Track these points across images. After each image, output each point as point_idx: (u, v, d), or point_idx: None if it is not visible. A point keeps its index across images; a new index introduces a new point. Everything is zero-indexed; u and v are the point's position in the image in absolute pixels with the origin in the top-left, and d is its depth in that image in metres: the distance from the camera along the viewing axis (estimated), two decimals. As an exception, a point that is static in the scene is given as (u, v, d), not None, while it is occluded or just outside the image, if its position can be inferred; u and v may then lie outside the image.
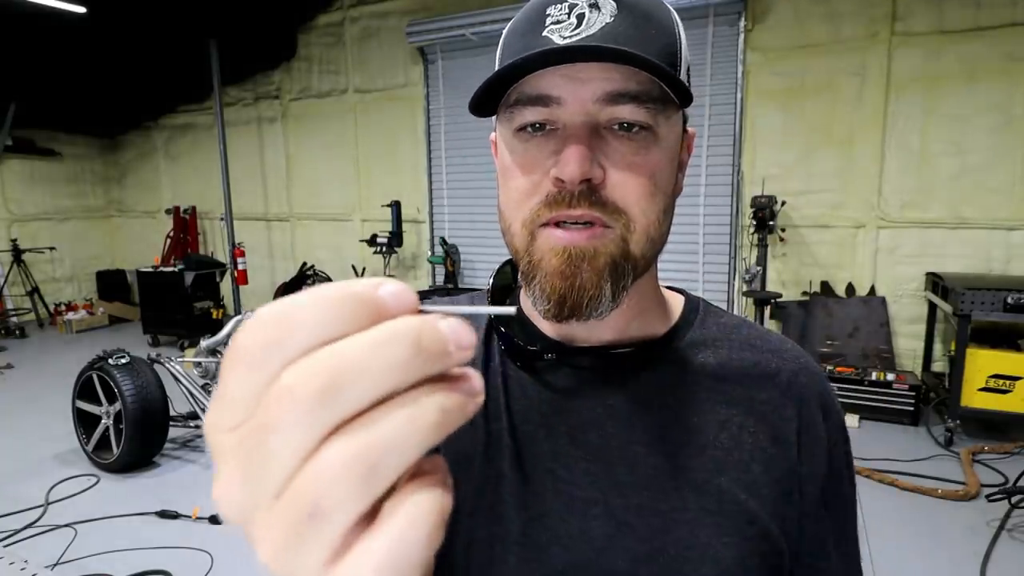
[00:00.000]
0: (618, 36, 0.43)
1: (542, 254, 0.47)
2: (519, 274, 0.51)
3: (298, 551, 0.18)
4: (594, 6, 0.44)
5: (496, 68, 0.50)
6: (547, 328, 0.56)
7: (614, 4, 0.44)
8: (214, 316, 5.94)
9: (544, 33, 0.45)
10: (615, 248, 0.46)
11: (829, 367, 3.91)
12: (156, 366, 3.43)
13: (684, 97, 0.46)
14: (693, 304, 0.59)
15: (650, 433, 0.51)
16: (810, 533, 0.52)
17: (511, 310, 0.24)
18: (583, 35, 0.44)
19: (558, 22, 0.45)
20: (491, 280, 0.62)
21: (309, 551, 0.18)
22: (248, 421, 0.18)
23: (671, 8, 0.49)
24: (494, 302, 0.60)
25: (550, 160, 0.46)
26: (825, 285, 4.25)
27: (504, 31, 0.51)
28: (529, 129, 0.47)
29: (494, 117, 0.53)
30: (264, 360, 0.18)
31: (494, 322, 0.58)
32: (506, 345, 0.56)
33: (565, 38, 0.44)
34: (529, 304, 0.58)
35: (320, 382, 0.17)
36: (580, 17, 0.44)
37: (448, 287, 5.14)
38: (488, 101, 0.48)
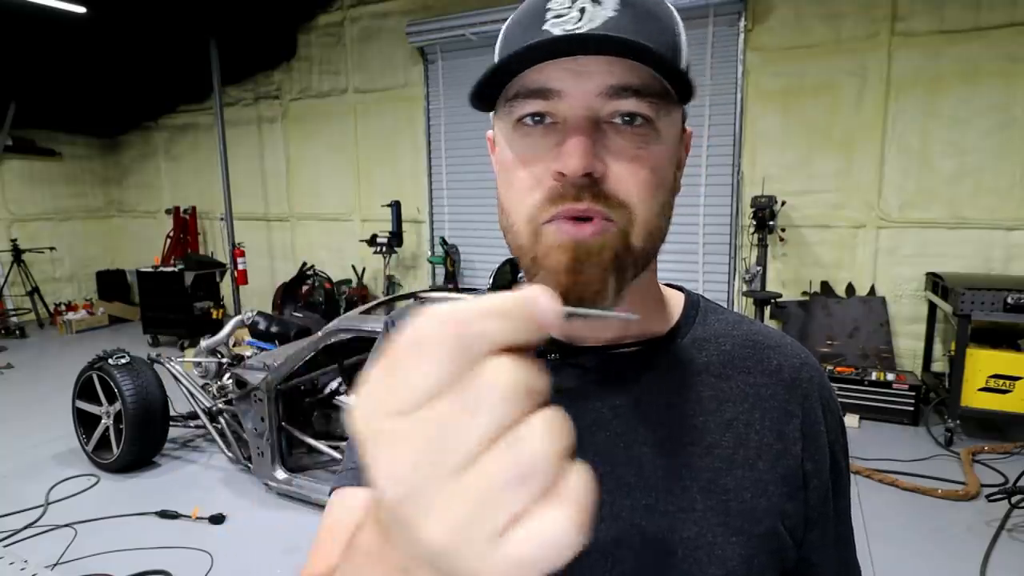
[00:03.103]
0: (620, 30, 0.43)
1: (547, 250, 0.46)
2: (522, 272, 0.50)
3: (480, 519, 0.20)
4: (596, 0, 0.44)
5: (496, 60, 0.49)
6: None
7: None
8: (214, 316, 5.94)
9: (545, 26, 0.44)
10: (617, 242, 0.46)
11: (829, 367, 3.91)
12: (156, 366, 3.43)
13: (686, 91, 0.46)
14: (693, 301, 0.59)
15: (656, 433, 0.51)
16: (815, 529, 0.53)
17: (635, 317, 0.31)
18: (585, 28, 0.43)
19: (559, 16, 0.44)
20: (491, 280, 0.61)
21: (490, 519, 0.19)
22: (431, 406, 0.20)
23: (672, 8, 0.48)
24: None
25: (551, 153, 0.45)
26: (825, 285, 4.25)
27: (504, 25, 0.50)
28: (528, 121, 0.46)
29: (492, 114, 0.53)
30: (456, 354, 0.21)
31: None
32: None
33: (567, 31, 0.43)
34: None
35: (512, 379, 0.20)
36: (582, 11, 0.44)
37: (448, 287, 5.14)
38: (487, 95, 0.48)
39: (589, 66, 0.44)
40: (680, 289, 0.61)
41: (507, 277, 0.62)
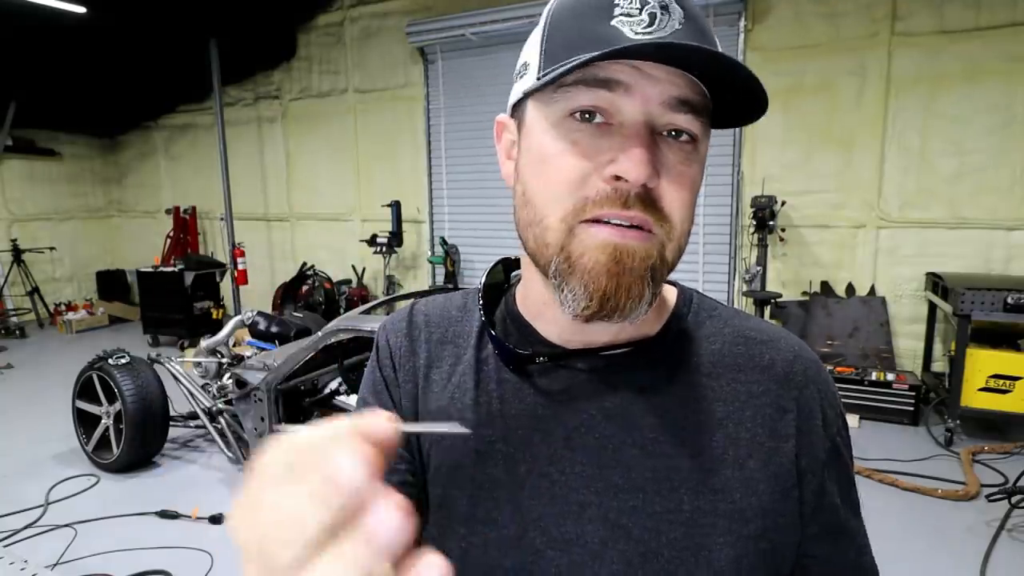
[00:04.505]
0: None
1: (584, 249, 0.45)
2: (552, 272, 0.48)
3: None
4: (665, 9, 0.44)
5: (542, 46, 0.47)
6: (544, 330, 0.55)
7: (682, 12, 0.44)
8: (214, 316, 5.94)
9: (612, 23, 0.44)
10: (655, 253, 0.46)
11: (829, 367, 3.91)
12: (156, 366, 3.43)
13: (752, 114, 0.47)
14: (686, 297, 0.59)
15: (645, 435, 0.50)
16: (811, 523, 0.52)
17: (467, 432, 0.28)
18: (656, 35, 0.43)
19: (628, 15, 0.43)
20: (483, 279, 0.61)
21: None
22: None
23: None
24: (486, 300, 0.60)
25: (605, 155, 0.45)
26: (825, 285, 4.25)
27: (551, 9, 0.48)
28: (578, 116, 0.45)
29: (510, 101, 0.51)
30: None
31: (486, 326, 0.57)
32: (498, 350, 0.56)
33: (638, 33, 0.43)
34: (534, 304, 0.56)
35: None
36: (652, 16, 0.43)
37: (448, 287, 5.14)
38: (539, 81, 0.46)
39: (654, 72, 0.44)
40: (674, 284, 0.60)
41: (499, 277, 0.61)
